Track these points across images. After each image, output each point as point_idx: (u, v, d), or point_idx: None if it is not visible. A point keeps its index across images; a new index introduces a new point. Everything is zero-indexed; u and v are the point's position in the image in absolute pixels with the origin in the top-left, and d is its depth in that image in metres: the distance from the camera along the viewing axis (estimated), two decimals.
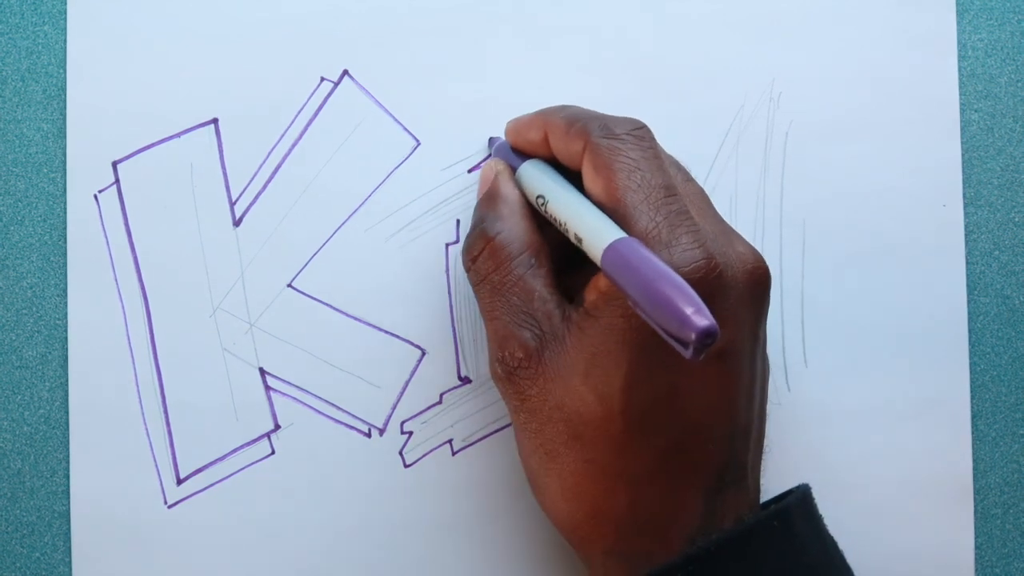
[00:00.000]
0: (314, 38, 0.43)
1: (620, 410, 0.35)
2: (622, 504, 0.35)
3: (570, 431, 0.36)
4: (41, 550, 0.42)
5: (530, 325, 0.36)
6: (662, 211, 0.35)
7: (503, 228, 0.38)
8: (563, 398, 0.35)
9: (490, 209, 0.39)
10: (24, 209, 0.43)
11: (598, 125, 0.37)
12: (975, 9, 0.44)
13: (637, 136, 0.37)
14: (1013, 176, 0.44)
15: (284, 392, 0.43)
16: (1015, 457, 0.44)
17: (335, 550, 0.42)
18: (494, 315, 0.37)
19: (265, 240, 0.43)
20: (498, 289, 0.37)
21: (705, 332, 0.30)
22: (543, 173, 0.39)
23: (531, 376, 0.36)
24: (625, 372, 0.35)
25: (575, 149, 0.37)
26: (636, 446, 0.35)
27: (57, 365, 0.42)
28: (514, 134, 0.41)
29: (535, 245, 0.38)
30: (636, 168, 0.36)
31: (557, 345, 0.36)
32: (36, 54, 0.43)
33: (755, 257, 0.36)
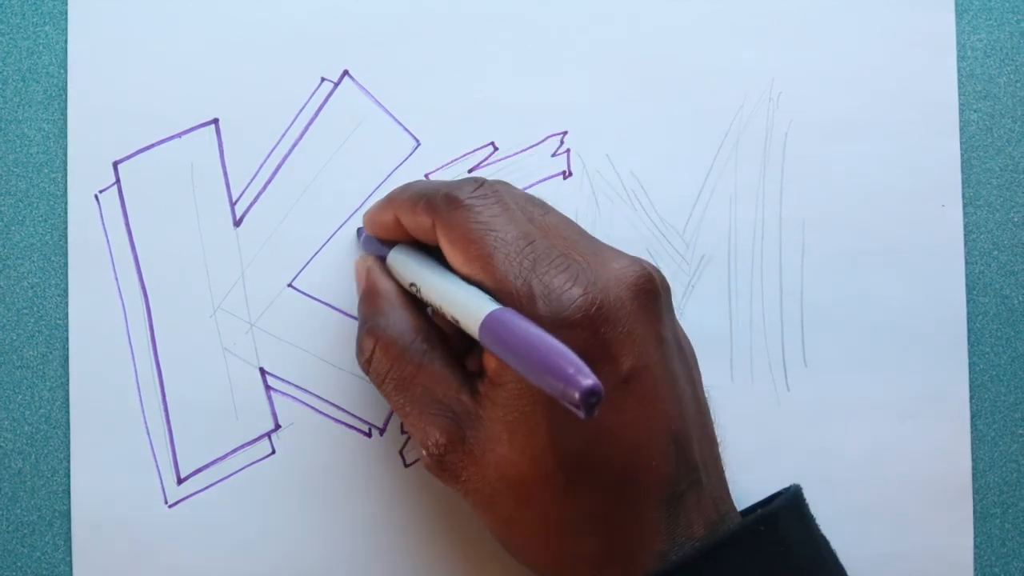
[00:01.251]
0: (314, 38, 0.43)
1: (555, 465, 0.35)
2: (592, 544, 0.35)
3: (517, 498, 0.35)
4: (42, 549, 0.42)
5: (442, 411, 0.36)
6: (525, 263, 0.35)
7: (387, 323, 0.38)
8: (498, 469, 0.35)
9: (370, 306, 0.39)
10: (25, 209, 0.43)
11: (441, 198, 0.37)
12: (974, 9, 0.44)
13: (480, 196, 0.36)
14: (1012, 176, 0.44)
15: (284, 392, 0.43)
16: (1014, 457, 0.44)
17: (335, 550, 0.42)
18: (406, 411, 0.37)
19: (265, 240, 0.43)
20: (401, 385, 0.37)
21: (589, 392, 0.29)
22: (408, 258, 0.39)
23: (460, 459, 0.36)
24: (546, 429, 0.34)
25: (426, 225, 0.37)
26: (583, 491, 0.35)
27: (58, 365, 0.42)
28: (370, 224, 0.41)
29: (423, 331, 0.37)
30: (488, 230, 0.36)
31: (474, 422, 0.36)
32: (37, 54, 0.43)
33: (633, 268, 0.36)
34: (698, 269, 0.44)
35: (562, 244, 0.36)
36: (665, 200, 0.44)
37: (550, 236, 0.36)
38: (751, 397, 0.43)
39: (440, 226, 0.37)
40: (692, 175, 0.44)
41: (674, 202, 0.44)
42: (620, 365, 0.35)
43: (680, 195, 0.44)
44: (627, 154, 0.44)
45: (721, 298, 0.44)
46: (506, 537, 0.37)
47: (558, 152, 0.44)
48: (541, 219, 0.37)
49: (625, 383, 0.35)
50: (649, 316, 0.36)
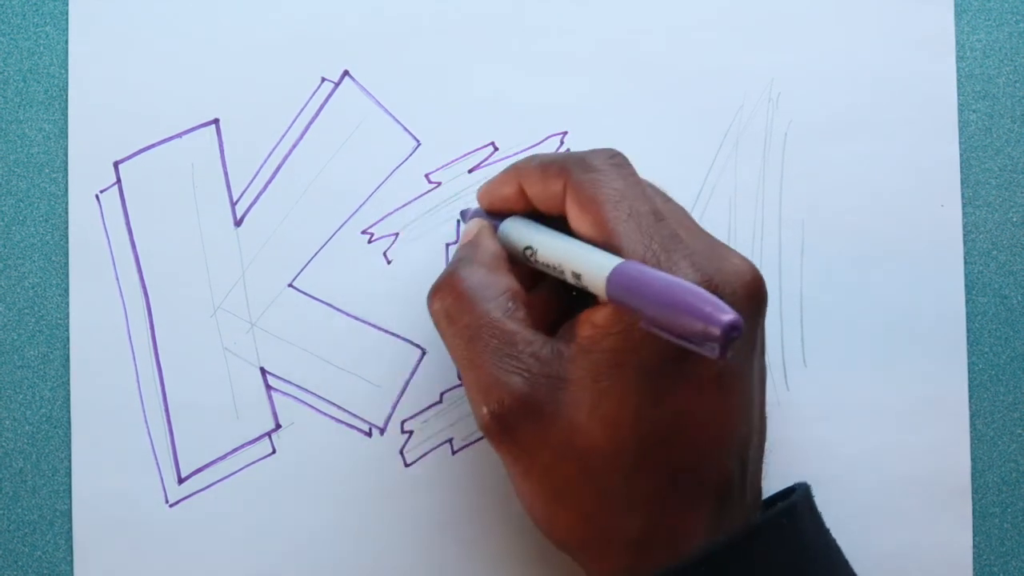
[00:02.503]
0: (315, 39, 0.43)
1: (632, 439, 0.34)
2: (635, 527, 0.35)
3: (580, 467, 0.35)
4: (43, 549, 0.42)
5: (517, 369, 0.35)
6: (656, 238, 0.35)
7: (477, 273, 0.37)
8: (569, 436, 0.35)
9: (466, 253, 0.38)
10: (26, 209, 0.43)
11: (575, 162, 0.36)
12: (973, 10, 0.45)
13: (616, 165, 0.36)
14: (1011, 176, 0.44)
15: (285, 391, 0.43)
16: (1013, 456, 0.44)
17: (335, 549, 0.42)
18: (474, 363, 0.36)
19: (266, 240, 0.43)
20: (475, 333, 0.36)
21: (731, 326, 0.30)
22: (526, 225, 0.38)
23: (527, 422, 0.35)
24: (634, 403, 0.34)
25: (555, 191, 0.37)
26: (647, 471, 0.35)
27: (59, 364, 0.43)
28: (488, 196, 0.40)
29: (513, 290, 0.37)
30: (622, 198, 0.36)
31: (552, 384, 0.35)
32: (38, 54, 0.43)
33: (750, 269, 0.36)
34: None
35: (685, 232, 0.36)
36: None
37: (675, 220, 0.36)
38: None
39: (572, 189, 0.36)
40: (692, 175, 0.44)
41: None
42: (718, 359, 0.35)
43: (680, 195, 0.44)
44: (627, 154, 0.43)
45: None
46: (550, 511, 0.36)
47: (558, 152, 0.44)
48: (665, 204, 0.37)
49: (718, 377, 0.35)
50: (754, 318, 0.36)
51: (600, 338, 0.34)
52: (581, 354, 0.35)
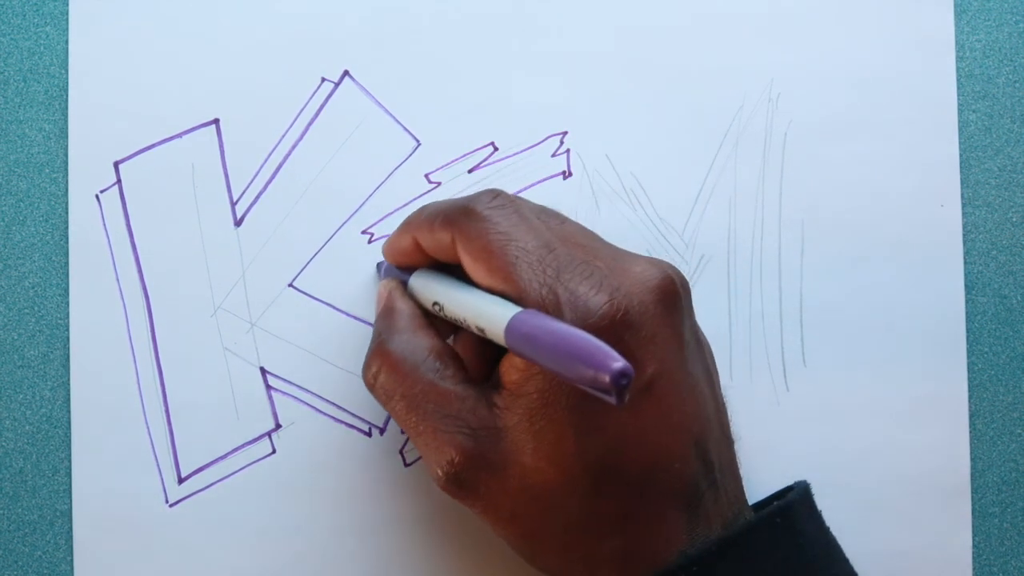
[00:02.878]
0: (315, 39, 0.43)
1: (581, 471, 0.35)
2: (611, 545, 0.35)
3: (541, 506, 0.35)
4: (43, 548, 0.42)
5: (458, 428, 0.36)
6: (548, 271, 0.35)
7: (400, 340, 0.37)
8: (522, 480, 0.35)
9: (384, 325, 0.38)
10: (26, 209, 0.43)
11: (459, 212, 0.37)
12: (973, 10, 0.45)
13: (497, 207, 0.36)
14: (1011, 176, 0.44)
15: (285, 391, 0.43)
16: (1013, 456, 0.44)
17: (335, 549, 0.42)
18: (418, 430, 0.36)
19: (266, 240, 0.43)
20: (412, 403, 0.36)
21: (620, 373, 0.30)
22: (431, 279, 0.39)
23: (480, 474, 0.35)
24: (572, 435, 0.34)
25: (445, 242, 0.37)
26: (607, 494, 0.35)
27: (59, 364, 0.43)
28: (390, 252, 0.41)
29: (438, 349, 0.37)
30: (509, 240, 0.35)
31: (493, 435, 0.35)
32: (38, 54, 0.43)
33: (654, 272, 0.36)
34: (697, 269, 0.44)
35: (582, 252, 0.36)
36: (665, 200, 0.44)
37: (570, 244, 0.36)
38: (750, 397, 0.44)
39: (460, 240, 0.36)
40: (692, 175, 0.44)
41: (674, 202, 0.44)
42: (644, 370, 0.35)
43: (680, 195, 0.44)
44: (627, 154, 0.44)
45: (720, 298, 0.44)
46: (528, 548, 0.37)
47: (558, 152, 0.44)
48: (559, 228, 0.37)
49: (648, 388, 0.35)
50: (672, 320, 0.36)
51: (524, 381, 0.35)
52: (511, 400, 0.35)
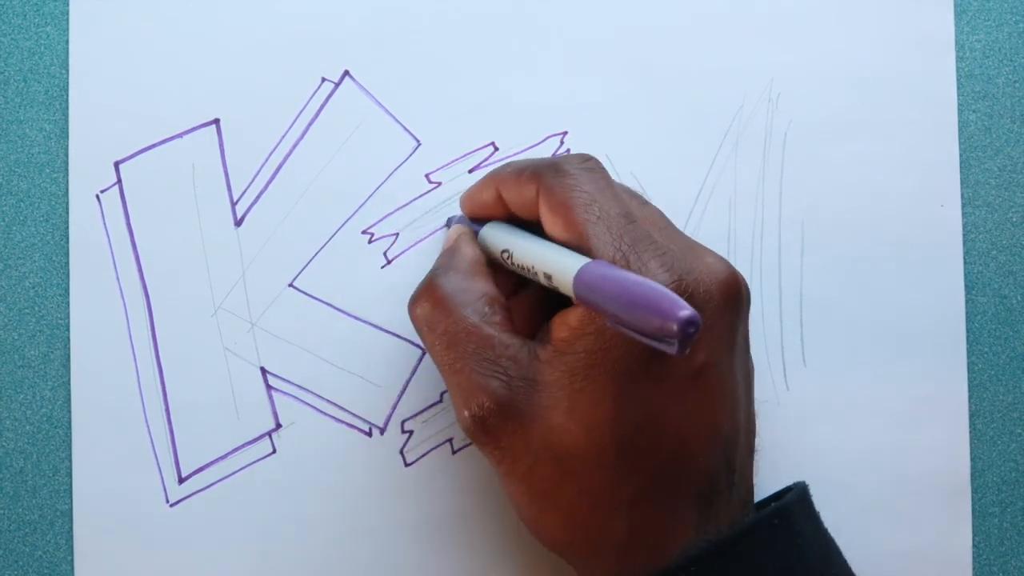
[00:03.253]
0: (315, 39, 0.43)
1: (610, 440, 0.35)
2: (620, 528, 0.35)
3: (560, 469, 0.35)
4: (43, 548, 0.42)
5: (495, 372, 0.35)
6: (625, 239, 0.35)
7: (455, 278, 0.38)
8: (547, 438, 0.35)
9: (444, 261, 0.39)
10: (26, 209, 0.43)
11: (547, 167, 0.37)
12: (973, 10, 0.45)
13: (587, 169, 0.37)
14: (1011, 176, 0.45)
15: (285, 391, 0.43)
16: (1012, 456, 0.44)
17: (335, 549, 0.42)
18: (454, 368, 0.36)
19: (266, 240, 0.43)
20: (453, 340, 0.36)
21: (687, 321, 0.30)
22: (504, 228, 0.39)
23: (507, 424, 0.35)
24: (610, 402, 0.34)
25: (529, 196, 0.37)
26: (629, 471, 0.35)
27: (59, 364, 0.43)
28: (468, 202, 0.41)
29: (491, 295, 0.37)
30: (592, 201, 0.36)
31: (530, 386, 0.35)
32: (38, 54, 0.43)
33: (725, 267, 0.36)
34: None
35: (659, 233, 0.36)
36: (665, 200, 0.44)
37: (648, 223, 0.36)
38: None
39: (544, 193, 0.37)
40: (692, 175, 0.44)
41: (674, 202, 0.44)
42: (695, 357, 0.35)
43: (680, 195, 0.44)
44: (627, 154, 0.44)
45: None
46: (534, 513, 0.37)
47: (558, 152, 0.44)
48: (640, 206, 0.37)
49: (695, 376, 0.35)
50: (730, 317, 0.36)
51: (574, 339, 0.35)
52: (556, 356, 0.35)
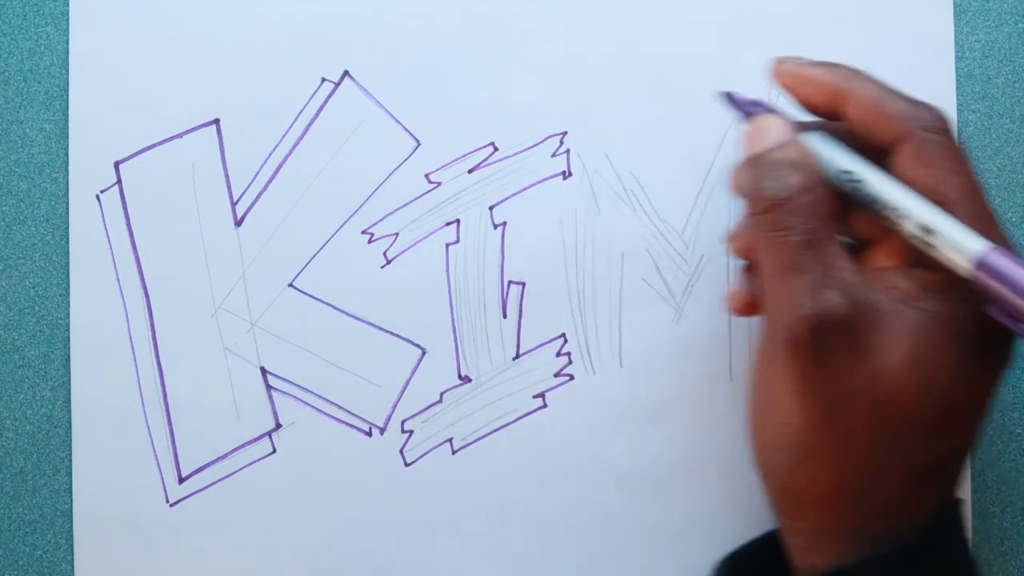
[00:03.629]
0: (315, 39, 0.43)
1: (942, 406, 0.34)
2: (890, 500, 0.34)
3: (874, 416, 0.34)
4: (44, 548, 0.42)
5: (839, 289, 0.33)
6: (992, 221, 0.35)
7: (821, 187, 0.35)
8: (876, 379, 0.33)
9: (807, 165, 0.36)
10: (27, 209, 0.43)
11: (920, 114, 0.35)
12: (972, 10, 0.45)
13: (950, 134, 0.36)
14: (1010, 176, 0.44)
15: (285, 391, 0.43)
16: (1012, 456, 0.44)
17: (335, 549, 0.43)
18: (805, 268, 0.34)
19: (266, 240, 0.43)
20: (814, 241, 0.34)
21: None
22: (845, 149, 0.37)
23: (841, 344, 0.33)
24: (954, 371, 0.33)
25: (886, 130, 0.36)
26: (933, 447, 0.34)
27: (59, 364, 0.43)
28: (791, 77, 0.38)
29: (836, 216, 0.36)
30: (960, 172, 0.35)
31: (869, 321, 0.33)
32: (38, 55, 0.43)
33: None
34: (698, 269, 0.44)
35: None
36: (665, 200, 0.44)
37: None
38: None
39: (917, 144, 0.35)
40: (692, 175, 0.44)
41: (674, 202, 0.44)
42: (1010, 356, 0.35)
43: (680, 195, 0.44)
44: (627, 154, 0.44)
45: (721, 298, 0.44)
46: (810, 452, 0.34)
47: (558, 152, 0.44)
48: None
49: (1004, 365, 0.35)
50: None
51: (930, 298, 0.34)
52: (903, 306, 0.34)
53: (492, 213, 0.44)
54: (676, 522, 0.43)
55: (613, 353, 0.43)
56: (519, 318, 0.43)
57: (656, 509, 0.43)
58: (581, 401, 0.43)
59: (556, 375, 0.43)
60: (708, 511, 0.43)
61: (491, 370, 0.43)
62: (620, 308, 0.43)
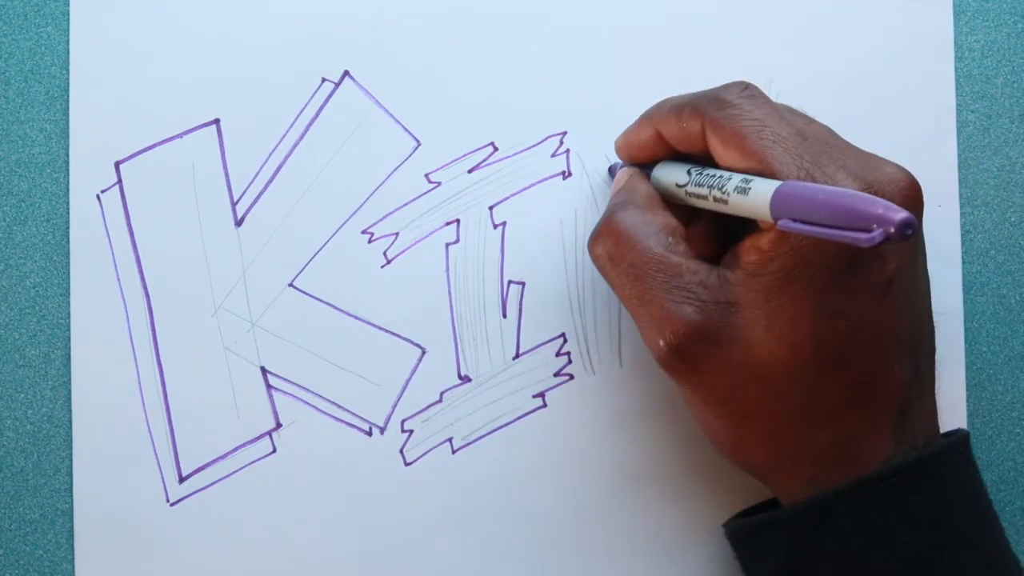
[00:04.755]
0: (315, 39, 0.43)
1: (811, 354, 0.35)
2: (821, 440, 0.36)
3: (763, 386, 0.35)
4: (44, 547, 0.42)
5: (687, 299, 0.36)
6: (805, 157, 0.35)
7: (634, 214, 0.38)
8: (748, 356, 0.35)
9: (620, 199, 0.39)
10: (27, 209, 0.43)
11: (709, 101, 0.37)
12: (972, 11, 0.45)
13: (750, 96, 0.37)
14: (1009, 176, 0.45)
15: (285, 391, 0.43)
16: (1011, 455, 0.44)
17: (335, 548, 0.43)
18: (643, 299, 0.36)
19: (266, 240, 0.43)
20: (640, 271, 0.36)
21: (904, 223, 0.30)
22: (675, 164, 0.39)
23: (705, 347, 0.35)
24: (808, 317, 0.35)
25: (694, 131, 0.37)
26: (829, 383, 0.35)
27: (60, 364, 0.43)
28: (626, 146, 0.41)
29: (672, 225, 0.37)
30: (763, 126, 0.36)
31: (724, 309, 0.35)
32: (39, 55, 0.43)
33: (905, 175, 0.36)
34: None
35: (833, 147, 0.36)
36: None
37: (820, 139, 0.36)
38: None
39: (711, 126, 0.37)
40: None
41: None
42: (887, 265, 0.35)
43: None
44: None
45: None
46: (736, 434, 0.37)
47: (558, 152, 0.44)
48: (808, 124, 0.37)
49: (887, 284, 0.35)
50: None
51: (767, 261, 0.35)
52: (749, 278, 0.35)
53: (492, 213, 0.44)
54: (676, 521, 0.43)
55: (613, 353, 0.43)
56: (519, 318, 0.43)
57: (656, 508, 0.43)
58: (581, 401, 0.43)
59: (556, 375, 0.43)
60: (708, 510, 0.43)
61: (491, 369, 0.43)
62: (620, 308, 0.43)
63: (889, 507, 0.35)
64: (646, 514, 0.43)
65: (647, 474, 0.43)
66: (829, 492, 0.35)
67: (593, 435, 0.43)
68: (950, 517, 0.36)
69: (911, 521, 0.35)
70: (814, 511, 0.36)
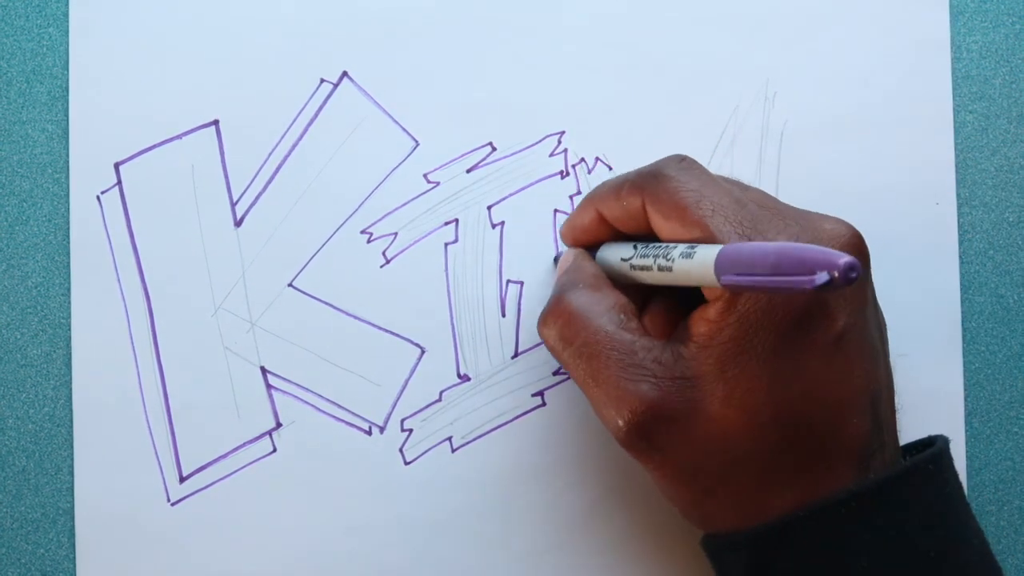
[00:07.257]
0: (314, 40, 0.43)
1: (770, 418, 0.35)
2: (788, 497, 0.36)
3: (725, 459, 0.35)
4: (45, 547, 0.43)
5: (642, 376, 0.35)
6: (744, 223, 0.35)
7: (582, 294, 0.38)
8: (708, 430, 0.35)
9: (568, 279, 0.39)
10: (28, 210, 0.43)
11: (646, 177, 0.37)
12: (969, 11, 0.45)
13: (686, 167, 0.37)
14: (1007, 176, 0.45)
15: (285, 390, 0.43)
16: (1009, 455, 0.44)
17: (336, 547, 0.43)
18: (597, 379, 0.36)
19: (266, 240, 0.43)
20: (592, 351, 0.36)
21: (849, 267, 0.30)
22: (618, 244, 0.39)
23: (664, 425, 0.35)
24: (765, 382, 0.35)
25: (634, 208, 0.38)
26: (790, 444, 0.35)
27: (61, 364, 0.43)
28: (570, 230, 0.41)
29: (622, 303, 0.37)
30: (701, 196, 0.36)
31: (680, 385, 0.35)
32: (39, 56, 0.43)
33: (846, 228, 0.36)
34: None
35: (771, 211, 0.36)
36: None
37: (758, 204, 0.37)
38: None
39: (651, 201, 0.37)
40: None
41: None
42: (836, 322, 0.35)
43: None
44: (624, 154, 0.44)
45: None
46: (704, 506, 0.37)
47: (556, 152, 0.44)
48: (743, 191, 0.38)
49: (838, 340, 0.35)
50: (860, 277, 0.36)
51: (717, 332, 0.35)
52: (702, 350, 0.35)
53: (490, 212, 0.44)
54: (675, 520, 0.43)
55: None
56: (518, 317, 0.43)
57: (654, 507, 0.43)
58: (580, 399, 0.43)
59: (555, 373, 0.43)
60: None
61: (490, 369, 0.43)
62: None
63: (848, 532, 0.35)
64: (645, 512, 0.43)
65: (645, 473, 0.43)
66: (788, 516, 0.35)
67: (592, 433, 0.43)
68: (914, 539, 0.35)
69: (870, 545, 0.35)
70: (772, 534, 0.35)
